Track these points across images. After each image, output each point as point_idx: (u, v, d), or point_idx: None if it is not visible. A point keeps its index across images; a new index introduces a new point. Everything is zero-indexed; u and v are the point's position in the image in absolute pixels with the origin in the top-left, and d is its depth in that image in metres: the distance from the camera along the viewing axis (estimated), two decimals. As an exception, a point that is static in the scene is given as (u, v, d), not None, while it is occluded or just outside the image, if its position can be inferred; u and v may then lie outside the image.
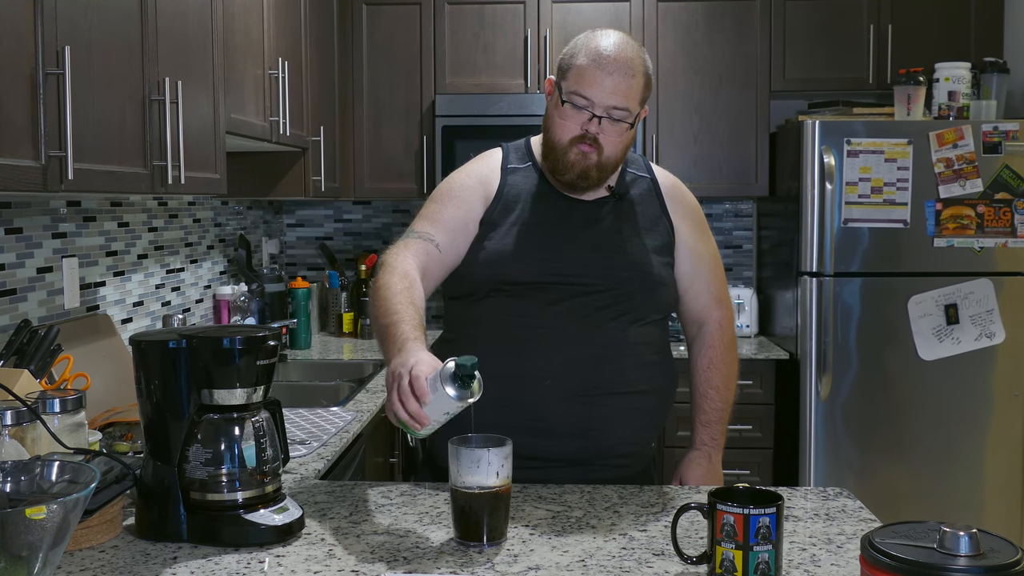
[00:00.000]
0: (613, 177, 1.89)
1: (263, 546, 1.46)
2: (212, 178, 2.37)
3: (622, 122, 1.78)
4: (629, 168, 1.93)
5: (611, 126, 1.78)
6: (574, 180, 1.82)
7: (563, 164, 1.81)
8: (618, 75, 1.76)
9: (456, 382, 1.40)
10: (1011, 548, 1.09)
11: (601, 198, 1.88)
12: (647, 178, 1.94)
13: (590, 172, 1.80)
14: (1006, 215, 3.47)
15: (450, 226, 1.84)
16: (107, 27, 1.81)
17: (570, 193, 1.86)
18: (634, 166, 1.95)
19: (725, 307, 1.97)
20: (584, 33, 1.84)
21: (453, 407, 1.43)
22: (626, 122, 1.78)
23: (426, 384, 1.41)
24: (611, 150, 1.80)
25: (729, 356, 1.96)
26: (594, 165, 1.80)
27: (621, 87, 1.76)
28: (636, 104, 1.79)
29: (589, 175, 1.81)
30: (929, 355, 3.50)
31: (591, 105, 1.76)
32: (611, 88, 1.76)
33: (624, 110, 1.77)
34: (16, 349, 1.96)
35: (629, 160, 1.94)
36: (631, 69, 1.77)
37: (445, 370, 1.41)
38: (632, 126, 1.80)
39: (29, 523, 1.08)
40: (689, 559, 1.36)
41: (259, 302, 3.60)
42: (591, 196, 1.88)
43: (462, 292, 1.87)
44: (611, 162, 1.82)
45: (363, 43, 4.04)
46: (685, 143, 4.01)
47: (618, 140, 1.80)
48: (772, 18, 3.94)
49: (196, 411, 1.48)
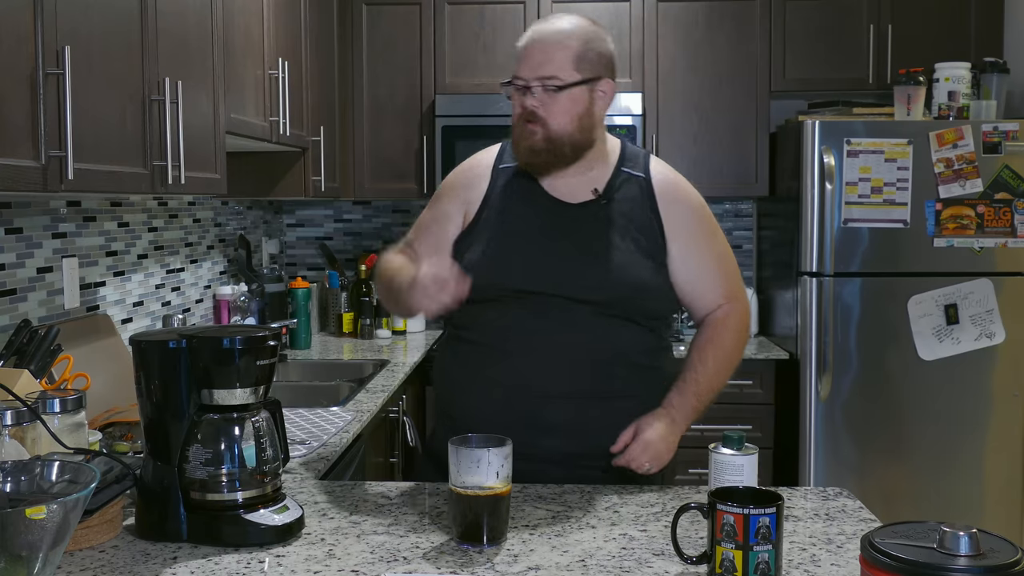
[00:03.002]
0: (601, 179, 1.87)
1: (263, 546, 1.46)
2: (212, 178, 2.37)
3: (554, 90, 1.78)
4: (624, 167, 1.90)
5: (547, 97, 1.78)
6: (527, 159, 1.83)
7: (516, 147, 1.84)
8: (545, 46, 1.79)
9: None
10: (1011, 548, 1.09)
11: (588, 201, 1.86)
12: (640, 178, 1.89)
13: (537, 147, 1.81)
14: (1006, 215, 3.47)
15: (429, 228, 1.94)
16: (107, 27, 1.81)
17: (540, 177, 1.85)
18: (630, 164, 1.91)
19: (737, 301, 1.92)
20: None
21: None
22: (552, 86, 1.77)
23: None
24: (556, 123, 1.79)
25: (731, 339, 1.90)
26: (541, 139, 1.80)
27: (548, 56, 1.78)
28: (569, 70, 1.78)
29: (537, 150, 1.81)
30: (929, 355, 3.50)
31: (523, 80, 1.80)
32: (539, 60, 1.78)
33: (552, 77, 1.77)
34: (16, 349, 1.96)
35: (626, 156, 1.91)
36: (560, 38, 1.79)
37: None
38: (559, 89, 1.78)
39: (29, 523, 1.08)
40: (689, 559, 1.36)
41: (259, 302, 3.60)
42: (577, 199, 1.85)
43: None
44: (563, 136, 1.80)
45: (363, 43, 4.04)
46: (685, 143, 4.01)
47: (561, 111, 1.79)
48: (772, 18, 3.94)
49: (196, 411, 1.48)
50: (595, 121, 1.85)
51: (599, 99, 1.84)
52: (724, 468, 1.56)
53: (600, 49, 1.82)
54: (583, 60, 1.79)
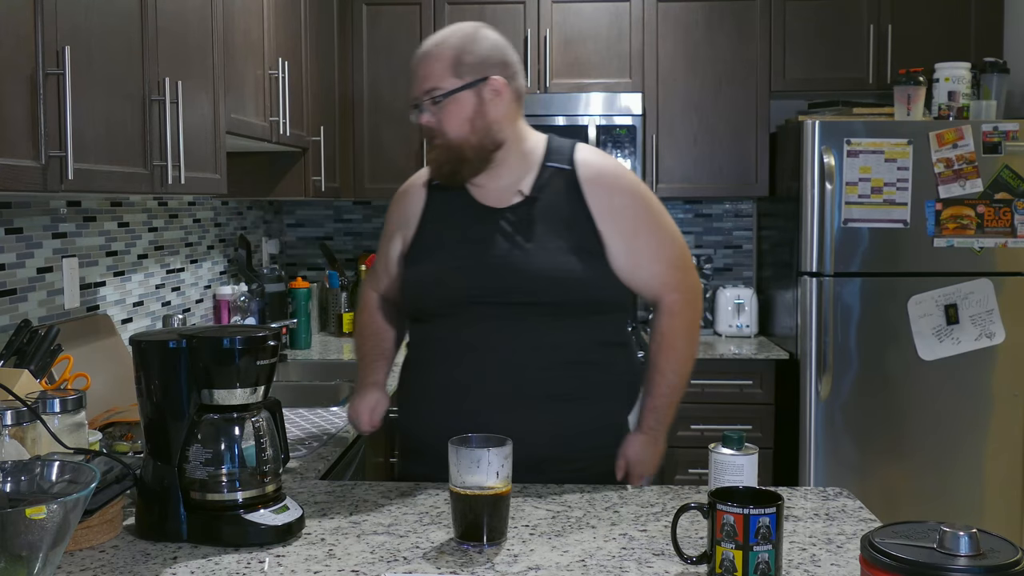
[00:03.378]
0: (527, 180, 1.86)
1: (263, 546, 1.46)
2: (212, 178, 2.37)
3: (439, 101, 1.80)
4: (549, 162, 1.87)
5: (435, 109, 1.82)
6: (437, 174, 1.89)
7: (428, 166, 1.91)
8: (423, 62, 1.84)
9: None
10: (1011, 548, 1.09)
11: (514, 204, 1.85)
12: (566, 170, 1.86)
13: (441, 159, 1.85)
14: (1006, 215, 3.47)
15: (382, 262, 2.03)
16: (107, 27, 1.81)
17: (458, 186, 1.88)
18: (555, 158, 1.88)
19: (681, 291, 1.88)
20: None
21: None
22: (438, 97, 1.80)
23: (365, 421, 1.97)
24: (452, 130, 1.81)
25: (680, 342, 1.88)
26: (443, 151, 1.83)
27: (427, 70, 1.82)
28: (447, 79, 1.80)
29: (441, 162, 1.85)
30: (929, 355, 3.50)
31: (416, 100, 1.85)
32: (421, 76, 1.83)
33: (433, 89, 1.81)
34: (16, 349, 1.96)
35: (551, 151, 1.89)
36: (434, 51, 1.83)
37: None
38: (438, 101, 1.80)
39: (29, 523, 1.08)
40: (689, 559, 1.36)
41: (259, 302, 3.60)
42: (505, 203, 1.86)
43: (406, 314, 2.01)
44: (460, 142, 1.82)
45: (363, 43, 4.04)
46: (685, 143, 4.01)
47: (450, 118, 1.81)
48: (772, 18, 3.94)
49: (196, 411, 1.48)
50: (490, 122, 1.83)
51: (490, 99, 1.82)
52: (724, 468, 1.56)
53: (478, 51, 1.83)
54: (461, 65, 1.81)
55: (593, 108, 3.87)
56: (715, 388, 3.71)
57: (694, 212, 4.39)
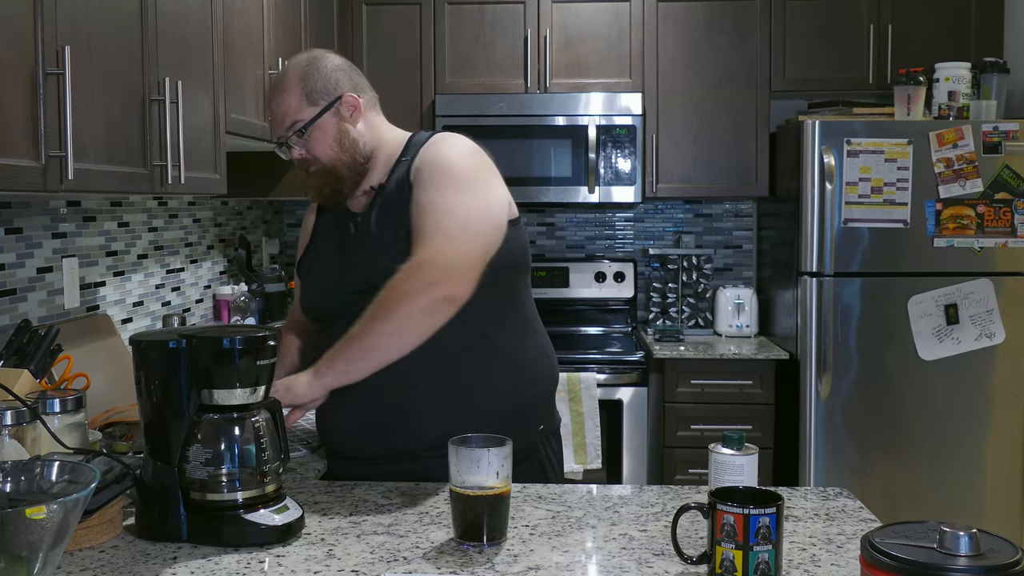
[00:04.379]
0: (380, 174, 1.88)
1: (263, 546, 1.46)
2: (212, 178, 2.37)
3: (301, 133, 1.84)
4: (405, 155, 1.87)
5: (302, 141, 1.85)
6: (322, 201, 1.92)
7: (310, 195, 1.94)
8: (274, 104, 1.87)
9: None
10: (1011, 548, 1.09)
11: (367, 205, 1.88)
12: (408, 160, 1.84)
13: (319, 185, 1.88)
14: (1006, 215, 3.47)
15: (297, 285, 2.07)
16: (107, 27, 1.81)
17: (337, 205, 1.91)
18: (409, 152, 1.86)
19: (421, 256, 1.69)
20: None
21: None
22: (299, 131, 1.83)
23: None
24: (323, 155, 1.85)
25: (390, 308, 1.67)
26: (320, 177, 1.87)
27: (280, 109, 1.86)
28: (304, 109, 1.84)
29: (320, 188, 1.89)
30: (929, 355, 3.50)
31: (282, 139, 1.88)
32: (279, 116, 1.86)
33: (293, 123, 1.84)
34: (16, 349, 1.96)
35: (409, 146, 1.89)
36: (277, 89, 1.87)
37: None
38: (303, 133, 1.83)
39: (29, 523, 1.08)
40: (689, 559, 1.36)
41: (259, 302, 3.60)
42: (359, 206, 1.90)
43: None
44: (335, 166, 1.85)
45: (363, 43, 4.04)
46: (685, 143, 4.01)
47: (319, 144, 1.85)
48: (772, 18, 3.94)
49: (196, 411, 1.48)
50: (354, 137, 1.86)
51: (348, 115, 1.87)
52: (724, 468, 1.56)
53: (321, 75, 1.86)
54: (312, 93, 1.84)
55: (593, 108, 3.88)
56: (715, 388, 3.71)
57: (694, 212, 4.39)
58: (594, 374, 3.59)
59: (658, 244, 4.40)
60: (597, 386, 3.57)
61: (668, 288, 4.17)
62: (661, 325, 4.14)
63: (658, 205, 4.38)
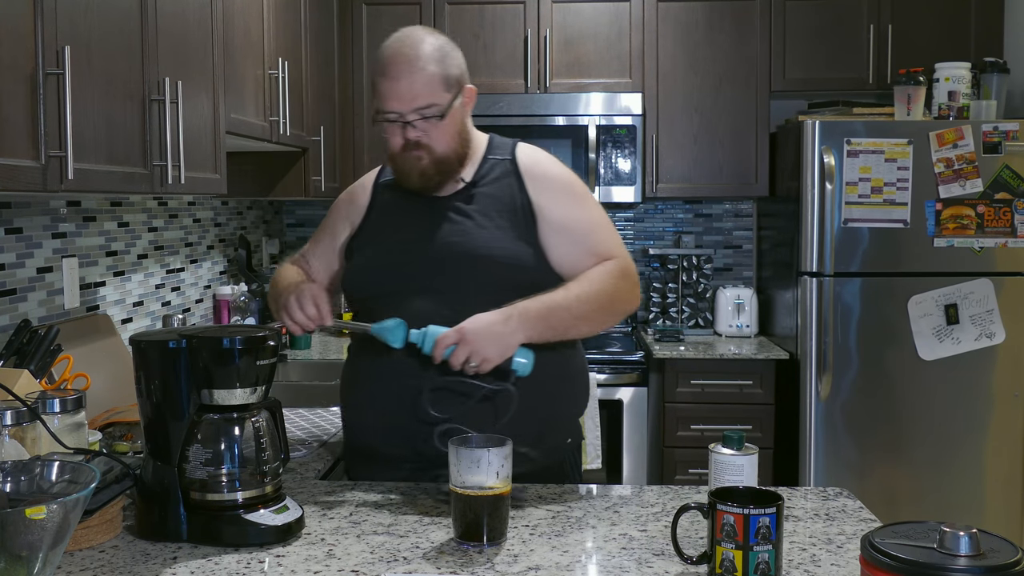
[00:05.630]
0: (470, 168, 1.88)
1: (263, 546, 1.46)
2: (212, 178, 2.37)
3: (432, 117, 1.78)
4: (491, 154, 1.91)
5: (427, 124, 1.78)
6: (418, 184, 1.84)
7: (403, 173, 1.85)
8: (407, 77, 1.76)
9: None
10: (1011, 548, 1.09)
11: (456, 191, 1.87)
12: (507, 160, 1.90)
13: (428, 172, 1.82)
14: (1006, 215, 3.47)
15: (321, 242, 2.03)
16: (107, 27, 1.81)
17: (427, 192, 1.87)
18: (498, 151, 1.92)
19: (619, 259, 1.87)
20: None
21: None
22: (434, 116, 1.78)
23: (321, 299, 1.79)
24: (441, 145, 1.80)
25: (599, 272, 1.81)
26: (429, 164, 1.81)
27: (416, 87, 1.77)
28: (441, 95, 1.78)
29: (428, 175, 1.82)
30: (929, 355, 3.50)
31: (399, 115, 1.78)
32: (406, 92, 1.76)
33: (429, 106, 1.77)
34: (16, 349, 1.96)
35: (494, 146, 1.92)
36: (417, 65, 1.77)
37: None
38: (443, 117, 1.79)
39: (29, 523, 1.08)
40: (689, 559, 1.36)
41: (259, 302, 3.61)
42: (447, 191, 1.87)
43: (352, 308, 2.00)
44: (449, 155, 1.82)
45: (363, 43, 4.04)
46: (685, 143, 4.01)
47: (441, 133, 1.80)
48: (772, 18, 3.94)
49: (196, 411, 1.48)
50: (468, 128, 1.88)
51: (467, 106, 1.86)
52: (724, 468, 1.56)
53: (457, 61, 1.84)
54: (449, 79, 1.80)
55: (593, 108, 3.88)
56: (715, 388, 3.71)
57: (694, 212, 4.39)
58: (594, 374, 3.58)
59: (658, 244, 4.40)
60: (597, 386, 3.56)
61: (668, 288, 4.17)
62: (661, 325, 4.14)
63: (658, 205, 4.38)
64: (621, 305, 1.85)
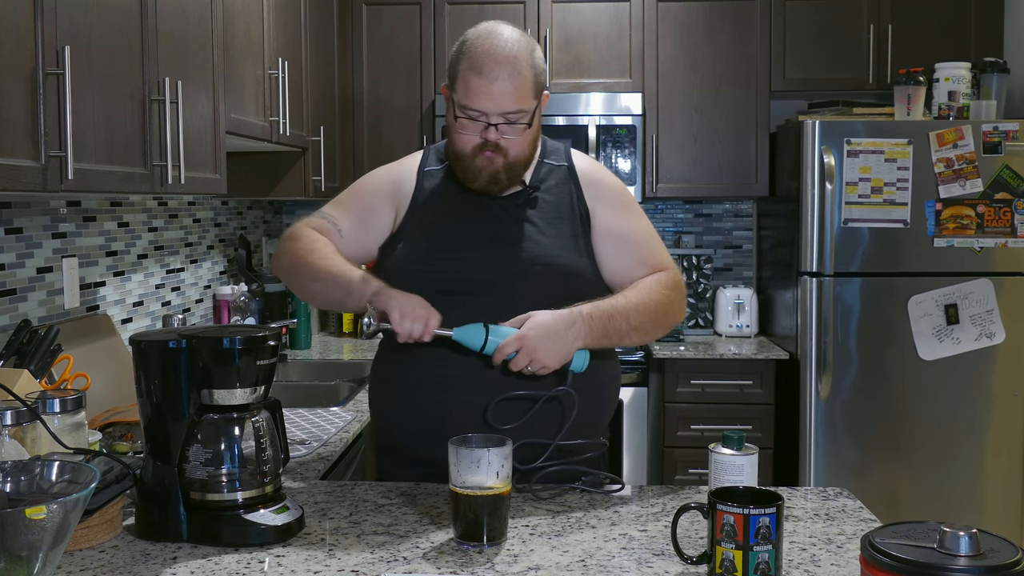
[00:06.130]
0: (528, 171, 1.86)
1: (263, 546, 1.46)
2: (212, 178, 2.37)
3: (519, 124, 1.75)
4: (547, 159, 1.89)
5: (510, 128, 1.74)
6: (485, 186, 1.79)
7: (471, 172, 1.78)
8: (503, 80, 1.71)
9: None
10: (1011, 548, 1.09)
11: (513, 193, 1.84)
12: (564, 166, 1.89)
13: (499, 176, 1.77)
14: (1006, 215, 3.47)
15: (355, 214, 1.89)
16: (107, 27, 1.81)
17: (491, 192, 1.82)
18: (553, 156, 1.90)
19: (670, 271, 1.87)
20: (470, 30, 1.82)
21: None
22: (522, 123, 1.75)
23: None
24: (516, 150, 1.77)
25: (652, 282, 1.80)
26: (502, 168, 1.77)
27: (509, 90, 1.72)
28: (530, 101, 1.75)
29: (499, 179, 1.78)
30: (929, 355, 3.50)
31: (484, 116, 1.73)
32: (499, 94, 1.71)
33: (519, 112, 1.74)
34: (16, 349, 1.96)
35: (548, 150, 1.90)
36: (515, 68, 1.72)
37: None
38: (530, 125, 1.76)
39: (29, 523, 1.08)
40: (689, 559, 1.36)
41: (259, 302, 3.60)
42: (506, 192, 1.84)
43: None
44: (520, 161, 1.79)
45: (363, 43, 4.04)
46: (685, 143, 4.01)
47: (522, 139, 1.77)
48: (772, 18, 3.95)
49: (196, 411, 1.48)
50: (540, 133, 1.87)
51: (542, 112, 1.84)
52: (724, 468, 1.56)
53: (542, 65, 1.81)
54: (539, 85, 1.78)
55: (593, 108, 3.88)
56: (715, 388, 3.71)
57: (694, 212, 4.39)
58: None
59: (658, 244, 4.39)
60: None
61: (668, 288, 4.16)
62: (661, 325, 4.13)
63: (658, 205, 4.38)
64: (671, 317, 1.83)
